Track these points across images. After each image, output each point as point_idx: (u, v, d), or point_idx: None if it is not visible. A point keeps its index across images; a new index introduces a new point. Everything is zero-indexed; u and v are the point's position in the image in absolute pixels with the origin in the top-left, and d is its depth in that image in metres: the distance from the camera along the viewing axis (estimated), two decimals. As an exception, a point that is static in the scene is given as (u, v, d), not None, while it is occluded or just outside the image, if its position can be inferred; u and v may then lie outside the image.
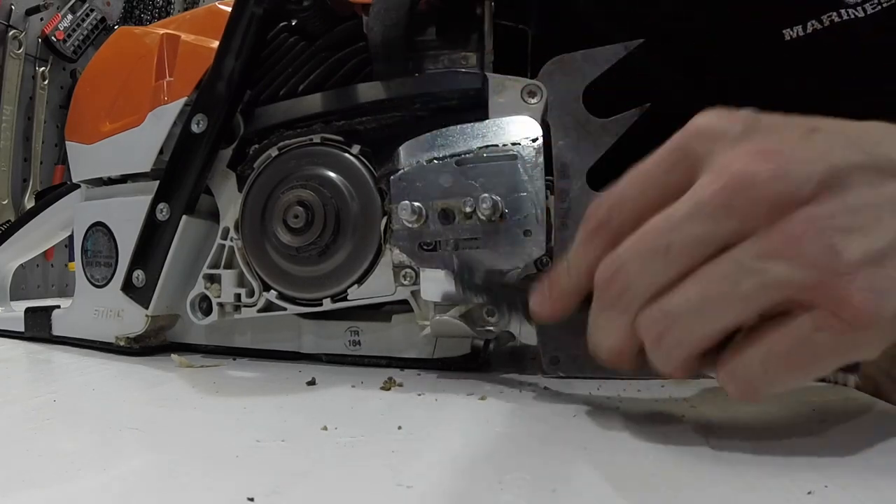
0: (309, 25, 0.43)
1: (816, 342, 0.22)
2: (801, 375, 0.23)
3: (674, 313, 0.24)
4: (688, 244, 0.23)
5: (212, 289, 0.45)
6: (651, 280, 0.24)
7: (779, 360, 0.23)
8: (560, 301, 0.29)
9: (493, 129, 0.38)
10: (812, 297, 0.22)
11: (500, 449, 0.27)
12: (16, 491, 0.22)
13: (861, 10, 0.40)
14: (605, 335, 0.27)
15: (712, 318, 0.23)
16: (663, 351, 0.25)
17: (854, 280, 0.21)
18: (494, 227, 0.37)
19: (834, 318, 0.22)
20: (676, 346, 0.24)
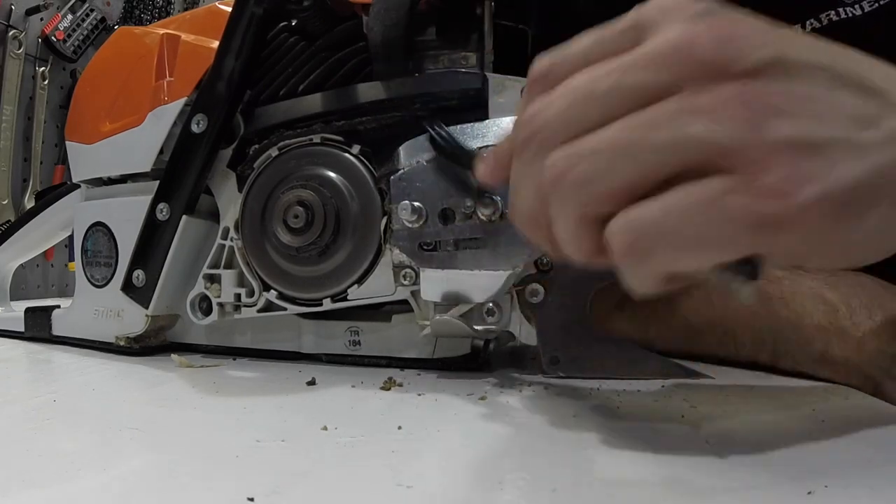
0: (309, 25, 0.43)
1: (726, 204, 0.20)
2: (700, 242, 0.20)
3: (578, 154, 0.22)
4: (613, 91, 0.22)
5: (212, 289, 0.45)
6: (570, 126, 0.23)
7: (680, 214, 0.20)
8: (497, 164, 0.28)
9: (493, 129, 0.38)
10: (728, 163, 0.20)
11: (500, 449, 0.27)
12: (16, 491, 0.22)
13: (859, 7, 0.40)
14: (520, 190, 0.25)
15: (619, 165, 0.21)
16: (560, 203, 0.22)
17: (775, 155, 0.20)
18: (494, 227, 0.37)
19: (749, 183, 0.20)
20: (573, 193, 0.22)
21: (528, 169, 0.24)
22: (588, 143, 0.22)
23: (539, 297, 0.39)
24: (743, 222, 0.20)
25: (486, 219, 0.37)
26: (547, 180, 0.23)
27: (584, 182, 0.22)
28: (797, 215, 0.20)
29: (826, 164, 0.20)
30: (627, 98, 0.22)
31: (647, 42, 0.22)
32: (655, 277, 0.22)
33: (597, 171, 0.22)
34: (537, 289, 0.39)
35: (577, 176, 0.22)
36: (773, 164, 0.20)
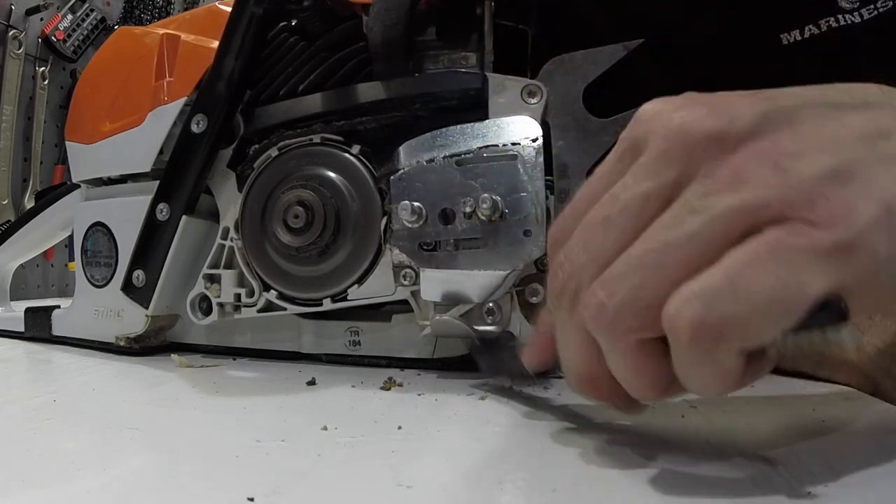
0: (309, 25, 0.43)
1: (789, 246, 0.19)
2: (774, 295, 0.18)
3: (613, 277, 0.20)
4: (628, 206, 0.21)
5: (212, 289, 0.45)
6: (592, 255, 0.21)
7: (745, 272, 0.19)
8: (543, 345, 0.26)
9: (493, 129, 0.38)
10: (771, 217, 0.19)
11: (500, 449, 0.27)
12: (16, 491, 0.22)
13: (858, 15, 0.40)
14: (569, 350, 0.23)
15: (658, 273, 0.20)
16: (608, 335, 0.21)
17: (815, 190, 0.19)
18: (494, 227, 0.37)
19: (804, 223, 0.19)
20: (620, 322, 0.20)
21: (569, 319, 0.23)
22: (619, 266, 0.20)
23: (539, 297, 0.39)
24: (811, 258, 0.18)
25: (486, 219, 0.37)
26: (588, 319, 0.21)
27: (629, 304, 0.20)
28: (861, 236, 0.18)
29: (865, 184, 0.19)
30: (642, 209, 0.21)
31: (644, 153, 0.21)
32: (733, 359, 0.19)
33: (640, 288, 0.20)
34: (537, 289, 0.39)
35: (620, 301, 0.20)
36: (818, 198, 0.19)
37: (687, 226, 0.19)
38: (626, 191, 0.21)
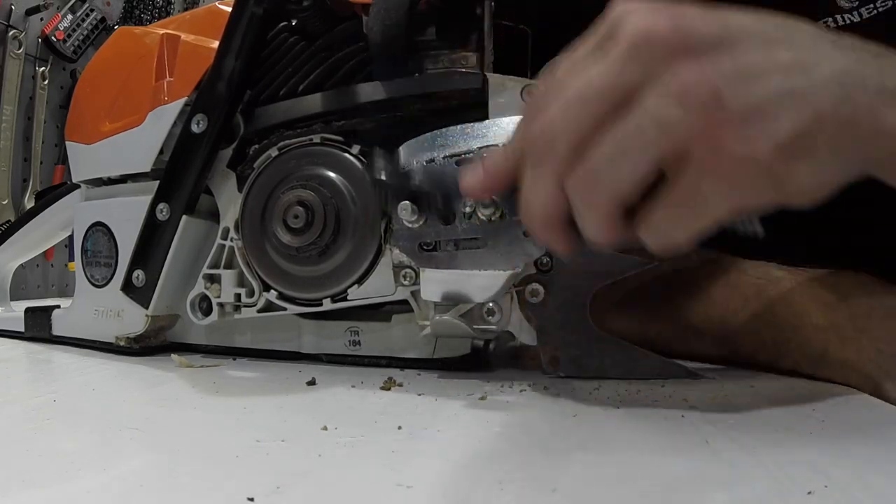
0: (309, 25, 0.43)
1: (702, 187, 0.25)
2: (700, 219, 0.25)
3: (595, 168, 0.26)
4: (600, 90, 0.26)
5: (212, 289, 0.45)
6: (571, 130, 0.26)
7: (678, 211, 0.25)
8: (489, 177, 0.31)
9: (493, 129, 0.38)
10: (696, 144, 0.24)
11: (500, 449, 0.27)
12: (16, 491, 0.22)
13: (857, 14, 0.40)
14: (536, 198, 0.28)
15: (625, 168, 0.25)
16: (590, 209, 0.27)
17: (731, 126, 0.24)
18: (494, 227, 0.37)
19: (713, 162, 0.24)
20: (600, 199, 0.26)
21: (542, 174, 0.28)
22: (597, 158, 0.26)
23: (539, 297, 0.39)
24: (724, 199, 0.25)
25: (486, 219, 0.37)
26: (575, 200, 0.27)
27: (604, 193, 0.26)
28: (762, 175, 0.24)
29: (773, 121, 0.24)
30: (610, 94, 0.26)
31: (614, 44, 0.26)
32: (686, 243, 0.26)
33: (613, 179, 0.26)
34: (537, 289, 0.39)
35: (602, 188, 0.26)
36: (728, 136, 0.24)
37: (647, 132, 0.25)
38: (599, 78, 0.26)
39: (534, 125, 0.28)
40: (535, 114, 0.28)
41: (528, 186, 0.29)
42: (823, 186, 0.25)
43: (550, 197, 0.28)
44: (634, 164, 0.25)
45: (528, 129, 0.29)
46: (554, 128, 0.27)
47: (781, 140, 0.23)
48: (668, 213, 0.26)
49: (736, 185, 0.24)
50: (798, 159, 0.24)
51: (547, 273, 0.39)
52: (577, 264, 0.39)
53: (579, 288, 0.39)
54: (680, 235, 0.26)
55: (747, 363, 0.41)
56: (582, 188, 0.27)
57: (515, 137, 0.30)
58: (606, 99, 0.26)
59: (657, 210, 0.26)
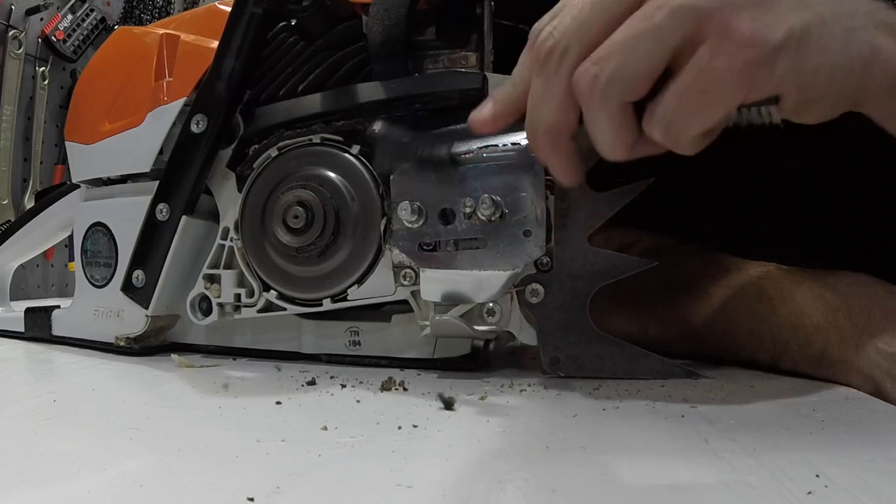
0: (309, 25, 0.43)
1: (715, 68, 0.25)
2: (713, 105, 0.26)
3: (603, 56, 0.26)
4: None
5: (212, 289, 0.45)
6: (585, 29, 0.27)
7: (688, 92, 0.26)
8: (499, 107, 0.31)
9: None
10: (708, 27, 0.25)
11: (500, 449, 0.27)
12: (16, 491, 0.22)
13: None
14: (543, 103, 0.28)
15: (640, 53, 0.26)
16: (600, 105, 0.27)
17: (744, 9, 0.25)
18: (494, 227, 0.37)
19: (726, 44, 0.25)
20: (609, 90, 0.26)
21: (550, 82, 0.28)
22: (607, 47, 0.26)
23: (539, 297, 0.39)
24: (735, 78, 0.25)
25: (486, 219, 0.37)
26: (583, 86, 0.27)
27: (617, 77, 0.26)
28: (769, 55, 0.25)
29: (783, 12, 0.25)
30: None
31: None
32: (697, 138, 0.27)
33: (624, 65, 0.26)
34: (537, 289, 0.39)
35: (610, 74, 0.26)
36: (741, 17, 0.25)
37: (657, 17, 0.25)
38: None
39: (541, 36, 0.28)
40: (538, 35, 0.29)
41: (536, 96, 0.29)
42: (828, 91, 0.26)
43: (559, 103, 0.28)
44: (647, 51, 0.26)
45: (535, 45, 0.29)
46: (567, 29, 0.27)
47: (792, 26, 0.25)
48: (680, 100, 0.26)
49: (747, 66, 0.25)
50: (805, 49, 0.25)
51: (547, 273, 0.39)
52: (577, 264, 0.39)
53: (579, 288, 0.39)
54: (692, 124, 0.26)
55: (747, 363, 0.41)
56: (593, 81, 0.26)
57: (520, 65, 0.30)
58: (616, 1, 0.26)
59: (669, 98, 0.26)
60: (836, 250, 0.42)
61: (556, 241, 0.39)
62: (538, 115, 0.29)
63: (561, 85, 0.28)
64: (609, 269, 0.39)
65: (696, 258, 0.45)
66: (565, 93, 0.28)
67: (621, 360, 0.39)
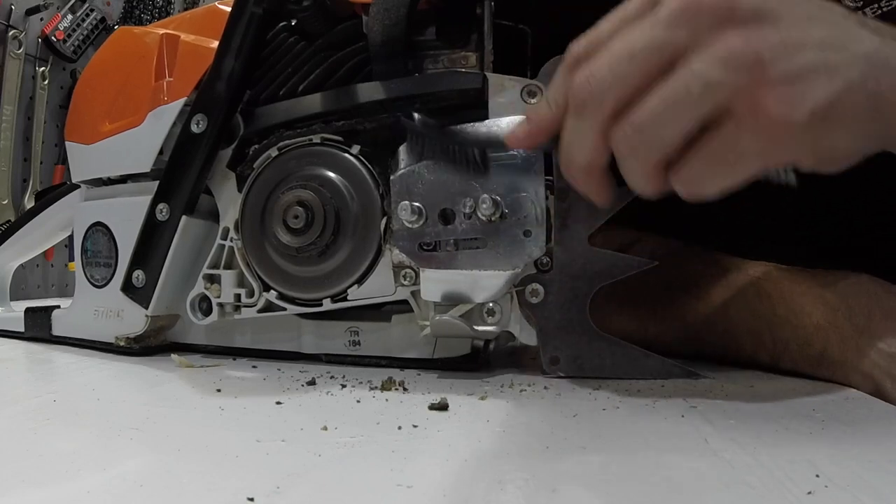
0: (309, 25, 0.43)
1: (740, 143, 0.27)
2: (734, 172, 0.28)
3: (642, 123, 0.28)
4: (649, 48, 0.28)
5: (212, 289, 0.45)
6: (618, 85, 0.28)
7: (714, 159, 0.28)
8: (537, 129, 0.33)
9: (492, 128, 0.38)
10: (737, 103, 0.27)
11: (500, 449, 0.27)
12: (16, 491, 0.22)
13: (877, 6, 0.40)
14: (578, 145, 0.30)
15: (675, 122, 0.27)
16: (634, 160, 0.29)
17: (771, 89, 0.26)
18: (494, 227, 0.37)
19: (752, 121, 0.27)
20: (645, 153, 0.28)
21: (585, 125, 0.30)
22: (644, 114, 0.28)
23: (539, 297, 0.39)
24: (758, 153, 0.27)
25: (486, 219, 0.37)
26: (620, 146, 0.29)
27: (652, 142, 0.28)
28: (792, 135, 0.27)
29: (809, 89, 0.26)
30: (658, 54, 0.28)
31: (663, 6, 0.28)
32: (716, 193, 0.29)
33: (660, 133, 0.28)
34: (537, 289, 0.39)
35: (647, 140, 0.28)
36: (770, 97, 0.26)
37: (693, 89, 0.27)
38: (648, 38, 0.28)
39: (578, 76, 0.29)
40: (578, 64, 0.30)
41: (571, 135, 0.31)
42: (850, 151, 0.28)
43: (593, 146, 0.30)
44: (681, 119, 0.27)
45: (572, 79, 0.30)
46: (601, 81, 0.29)
47: (816, 105, 0.26)
48: (705, 165, 0.28)
49: (771, 143, 0.27)
50: (828, 124, 0.27)
51: (547, 273, 0.39)
52: (577, 264, 0.39)
53: (579, 288, 0.39)
54: (714, 186, 0.28)
55: (747, 363, 0.42)
56: (630, 141, 0.28)
57: (556, 87, 0.32)
58: (654, 58, 0.28)
59: (695, 161, 0.28)
60: (836, 250, 0.42)
61: (556, 241, 0.39)
62: (572, 153, 0.31)
63: (594, 131, 0.29)
64: (609, 269, 0.39)
65: (696, 258, 0.45)
66: (598, 139, 0.29)
67: (621, 360, 0.39)
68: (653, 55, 0.28)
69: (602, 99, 0.29)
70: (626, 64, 0.28)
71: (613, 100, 0.28)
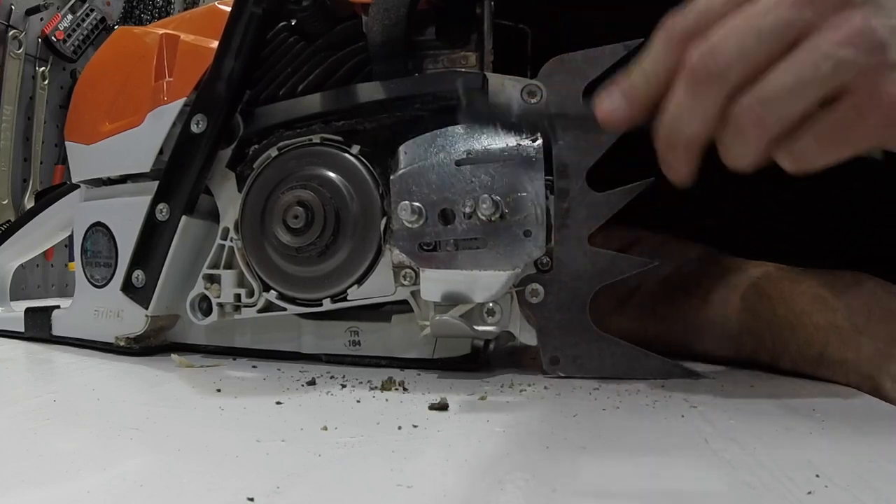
0: (308, 25, 0.43)
1: (856, 122, 0.28)
2: (843, 149, 0.29)
3: (771, 97, 0.28)
4: (776, 27, 0.28)
5: (212, 289, 0.45)
6: (745, 59, 0.28)
7: (827, 137, 0.28)
8: (636, 105, 0.32)
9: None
10: (859, 84, 0.27)
11: (500, 449, 0.27)
12: (16, 491, 0.22)
13: None
14: (694, 116, 0.30)
15: (801, 98, 0.28)
16: (754, 133, 0.29)
17: (891, 72, 0.27)
18: (494, 227, 0.37)
19: (870, 101, 0.27)
20: (768, 128, 0.29)
21: (704, 101, 0.30)
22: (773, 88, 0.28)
23: (539, 297, 0.39)
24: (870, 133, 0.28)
25: (486, 219, 0.37)
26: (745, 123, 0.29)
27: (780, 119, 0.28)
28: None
29: None
30: (784, 32, 0.28)
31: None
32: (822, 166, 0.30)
33: (788, 109, 0.28)
34: (537, 289, 0.39)
35: (776, 117, 0.28)
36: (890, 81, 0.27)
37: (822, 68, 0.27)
38: (770, 13, 0.28)
39: (697, 50, 0.29)
40: (689, 39, 0.30)
41: (689, 107, 0.30)
42: None
43: (709, 119, 0.30)
44: (807, 96, 0.28)
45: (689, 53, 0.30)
46: (727, 55, 0.29)
47: None
48: (816, 141, 0.29)
49: (884, 124, 0.28)
50: None
51: (547, 273, 0.39)
52: (577, 264, 0.39)
53: (579, 288, 0.39)
54: (822, 160, 0.29)
55: (747, 363, 0.41)
56: (754, 114, 0.29)
57: (656, 61, 0.31)
58: (782, 35, 0.28)
59: (808, 137, 0.29)
60: (836, 250, 0.42)
61: (556, 241, 0.39)
62: (682, 125, 0.31)
63: (714, 107, 0.30)
64: (609, 269, 0.39)
65: (697, 258, 0.45)
66: (715, 114, 0.30)
67: (621, 360, 0.39)
68: (780, 33, 0.28)
69: (729, 73, 0.29)
70: (752, 40, 0.28)
71: (740, 73, 0.29)
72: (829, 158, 0.29)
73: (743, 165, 0.31)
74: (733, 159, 0.31)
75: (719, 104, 0.29)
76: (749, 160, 0.30)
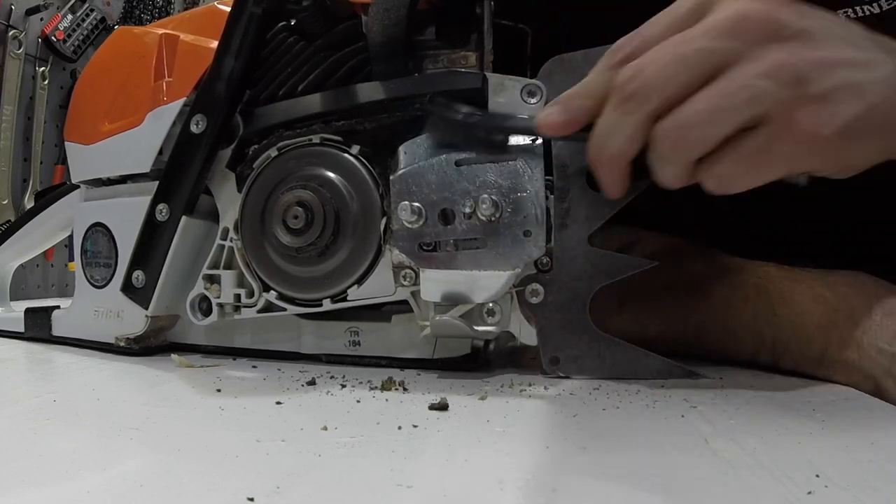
0: (308, 25, 0.43)
1: (772, 148, 0.30)
2: (761, 174, 0.30)
3: (688, 123, 0.30)
4: (700, 55, 0.30)
5: (211, 289, 0.45)
6: (668, 83, 0.30)
7: (745, 161, 0.30)
8: (571, 115, 0.34)
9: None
10: (775, 114, 0.29)
11: (500, 449, 0.27)
12: (16, 491, 0.22)
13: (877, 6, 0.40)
14: (616, 133, 0.32)
15: (718, 124, 0.29)
16: (673, 155, 0.31)
17: (806, 106, 0.29)
18: (494, 227, 0.37)
19: (786, 130, 0.29)
20: (686, 151, 0.30)
21: (626, 120, 0.31)
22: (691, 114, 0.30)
23: (539, 297, 0.39)
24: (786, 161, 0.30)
25: (486, 219, 0.37)
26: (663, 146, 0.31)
27: (695, 143, 0.30)
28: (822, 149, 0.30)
29: (837, 107, 0.29)
30: (708, 60, 0.29)
31: (712, 16, 0.30)
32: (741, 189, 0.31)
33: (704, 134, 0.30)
34: (537, 289, 0.39)
35: (691, 141, 0.30)
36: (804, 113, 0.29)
37: (739, 97, 0.29)
38: (696, 42, 0.30)
39: (626, 71, 0.31)
40: (625, 60, 0.32)
41: (612, 125, 0.32)
42: (863, 162, 0.31)
43: (631, 138, 0.31)
44: (725, 122, 0.29)
45: (619, 73, 0.31)
46: (651, 78, 0.30)
47: (844, 123, 0.29)
48: (736, 165, 0.30)
49: (799, 151, 0.29)
50: (850, 138, 0.29)
51: (547, 273, 0.39)
52: (577, 264, 0.39)
53: (579, 288, 0.39)
54: (741, 184, 0.31)
55: (747, 363, 0.41)
56: (673, 137, 0.30)
57: (597, 79, 0.33)
58: (705, 63, 0.29)
59: (727, 161, 0.30)
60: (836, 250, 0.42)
61: (556, 241, 0.39)
62: (606, 142, 0.32)
63: (635, 125, 0.31)
64: (609, 269, 0.39)
65: (697, 258, 0.45)
66: (636, 133, 0.31)
67: (621, 360, 0.39)
68: (704, 61, 0.29)
69: (649, 95, 0.30)
70: (677, 66, 0.30)
71: (661, 97, 0.30)
72: (749, 182, 0.30)
73: (668, 184, 0.32)
74: (660, 179, 0.32)
75: (641, 124, 0.31)
76: (673, 180, 0.32)
